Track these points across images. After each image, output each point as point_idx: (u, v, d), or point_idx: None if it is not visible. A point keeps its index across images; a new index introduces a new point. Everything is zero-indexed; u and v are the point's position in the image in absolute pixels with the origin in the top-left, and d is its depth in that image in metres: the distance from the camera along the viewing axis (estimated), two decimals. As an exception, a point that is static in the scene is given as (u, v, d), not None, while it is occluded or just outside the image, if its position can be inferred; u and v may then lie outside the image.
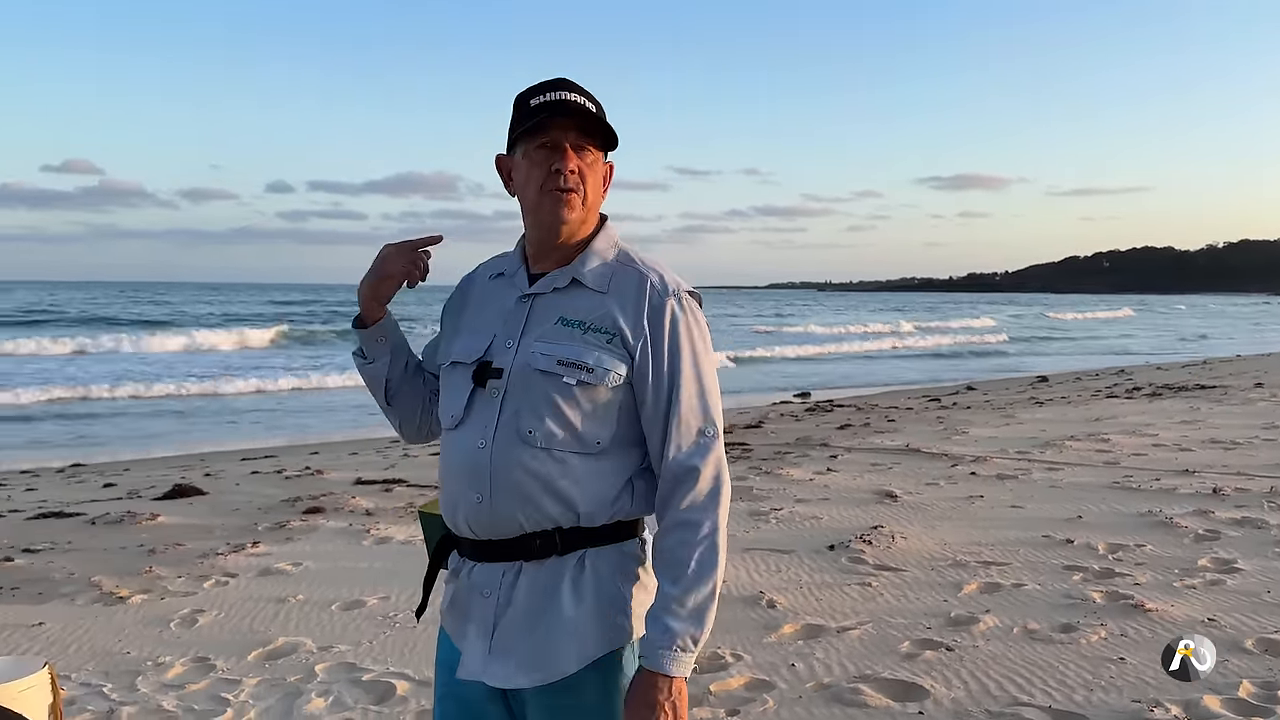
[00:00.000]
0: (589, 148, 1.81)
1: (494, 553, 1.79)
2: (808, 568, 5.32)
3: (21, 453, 12.00)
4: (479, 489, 1.77)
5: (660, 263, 1.88)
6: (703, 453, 1.76)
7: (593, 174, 1.82)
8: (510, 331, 1.83)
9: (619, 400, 1.78)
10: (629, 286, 1.81)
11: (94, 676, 3.94)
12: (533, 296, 1.84)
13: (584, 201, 1.81)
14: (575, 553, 1.77)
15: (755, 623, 4.46)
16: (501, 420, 1.78)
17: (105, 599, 4.94)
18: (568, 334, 1.78)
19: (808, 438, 10.45)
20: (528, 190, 1.82)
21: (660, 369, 1.78)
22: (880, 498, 7.10)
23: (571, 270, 1.83)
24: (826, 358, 30.66)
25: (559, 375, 1.75)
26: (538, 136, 1.79)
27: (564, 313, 1.80)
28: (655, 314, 1.79)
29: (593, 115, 1.80)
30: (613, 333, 1.78)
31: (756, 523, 6.38)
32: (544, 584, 1.77)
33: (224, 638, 4.40)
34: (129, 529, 6.49)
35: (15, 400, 16.39)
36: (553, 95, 1.78)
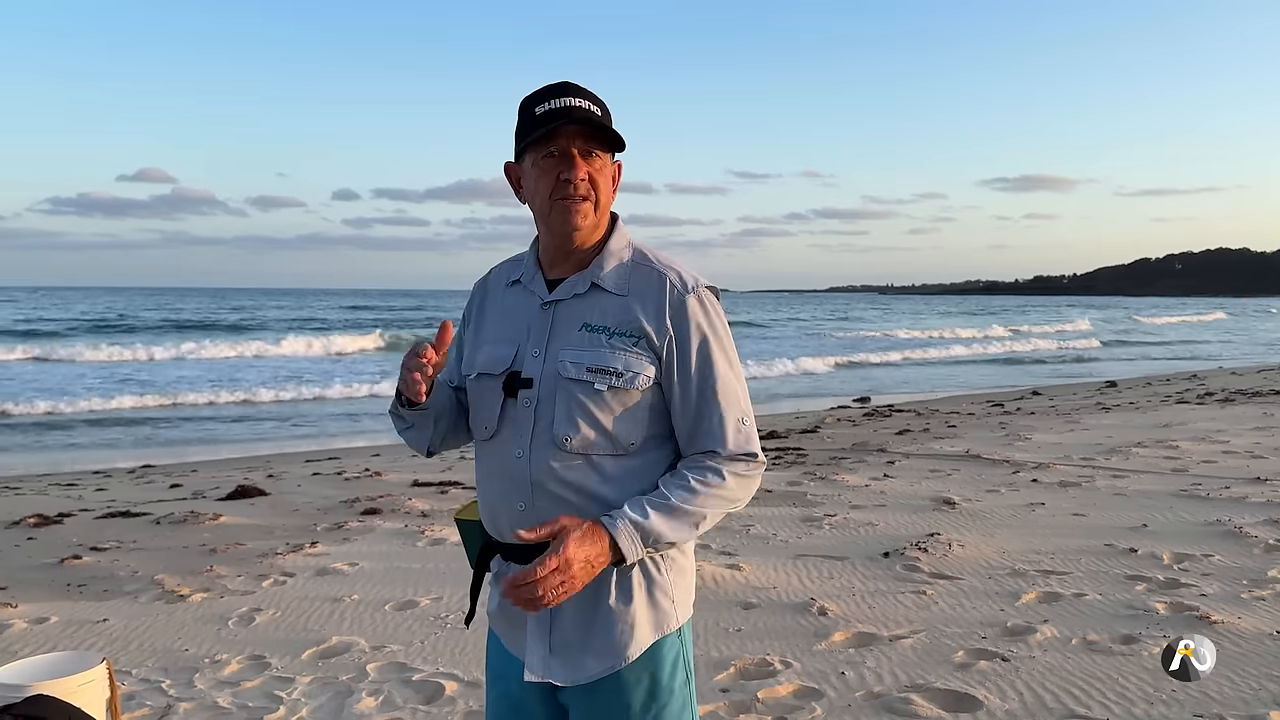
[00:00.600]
0: (596, 152, 1.81)
1: (537, 553, 1.80)
2: (861, 575, 5.25)
3: (94, 453, 12.37)
4: (522, 498, 1.81)
5: (674, 260, 1.89)
6: (748, 441, 1.82)
7: (602, 178, 1.83)
8: (536, 340, 1.84)
9: (649, 401, 1.80)
10: (649, 287, 1.83)
11: (153, 672, 4.03)
12: (554, 304, 1.85)
13: (596, 208, 1.82)
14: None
15: (805, 630, 4.42)
16: (537, 429, 1.80)
17: (167, 597, 5.05)
18: (593, 340, 1.80)
19: (865, 443, 10.33)
20: (538, 199, 1.83)
21: (689, 367, 1.80)
22: (938, 504, 6.99)
23: (590, 275, 1.85)
24: (935, 362, 30.12)
25: (589, 382, 1.77)
26: (545, 145, 1.79)
27: (587, 319, 1.82)
28: (677, 312, 1.81)
29: (598, 120, 1.79)
30: (638, 335, 1.80)
31: (809, 529, 6.32)
32: (593, 581, 1.78)
33: (279, 636, 4.47)
34: (192, 529, 6.64)
35: (118, 406, 16.80)
36: (557, 102, 1.78)
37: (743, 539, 6.04)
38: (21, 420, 15.16)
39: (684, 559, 1.87)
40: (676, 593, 1.84)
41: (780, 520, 6.56)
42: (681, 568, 1.87)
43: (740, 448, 1.80)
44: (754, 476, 1.84)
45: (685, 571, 1.87)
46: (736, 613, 4.66)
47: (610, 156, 1.85)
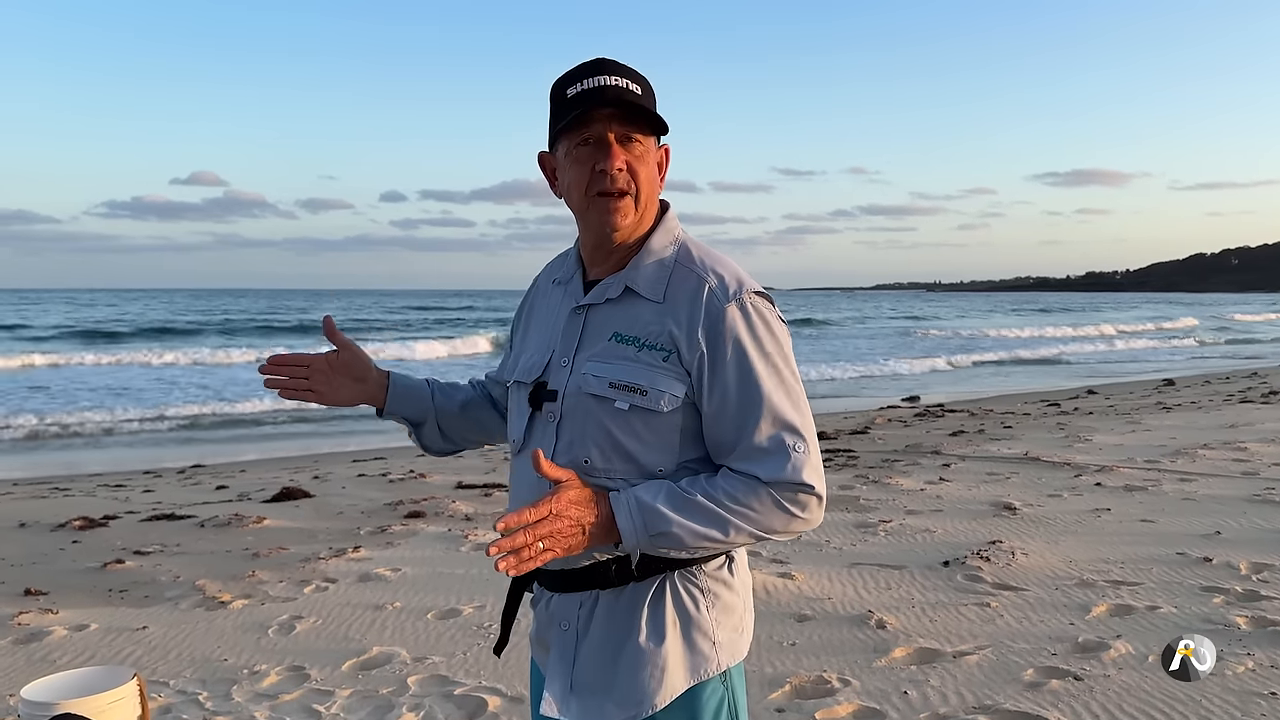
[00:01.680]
0: (637, 137, 1.61)
1: (570, 582, 1.65)
2: (920, 585, 5.03)
3: (143, 452, 12.45)
4: None
5: (723, 260, 1.67)
6: (798, 469, 1.55)
7: (644, 166, 1.62)
8: (565, 349, 1.67)
9: (679, 423, 1.59)
10: (685, 293, 1.62)
11: (191, 684, 3.93)
12: (586, 308, 1.68)
13: (637, 202, 1.63)
14: (654, 578, 1.62)
15: (864, 645, 4.21)
16: (558, 449, 1.63)
17: (207, 603, 4.97)
18: (621, 352, 1.61)
19: (918, 445, 10.06)
20: (574, 194, 1.64)
21: (723, 385, 1.57)
22: (998, 510, 6.73)
23: (624, 277, 1.65)
24: (1076, 360, 29.12)
25: (611, 399, 1.58)
26: (578, 132, 1.60)
27: (618, 327, 1.63)
28: (713, 324, 1.58)
29: (636, 101, 1.60)
30: (669, 349, 1.59)
31: (864, 535, 6.10)
32: (622, 613, 1.62)
33: (320, 646, 4.36)
34: (235, 532, 6.58)
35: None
36: (590, 82, 1.59)
37: (794, 546, 5.84)
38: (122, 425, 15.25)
39: (731, 594, 1.66)
40: (720, 633, 1.63)
41: (833, 526, 6.35)
42: (728, 605, 1.65)
43: (789, 475, 1.54)
44: (803, 513, 1.55)
45: (732, 609, 1.66)
46: (790, 625, 4.47)
47: (655, 140, 1.65)
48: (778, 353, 1.61)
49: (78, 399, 17.93)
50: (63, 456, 12.51)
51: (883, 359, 27.76)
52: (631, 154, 1.61)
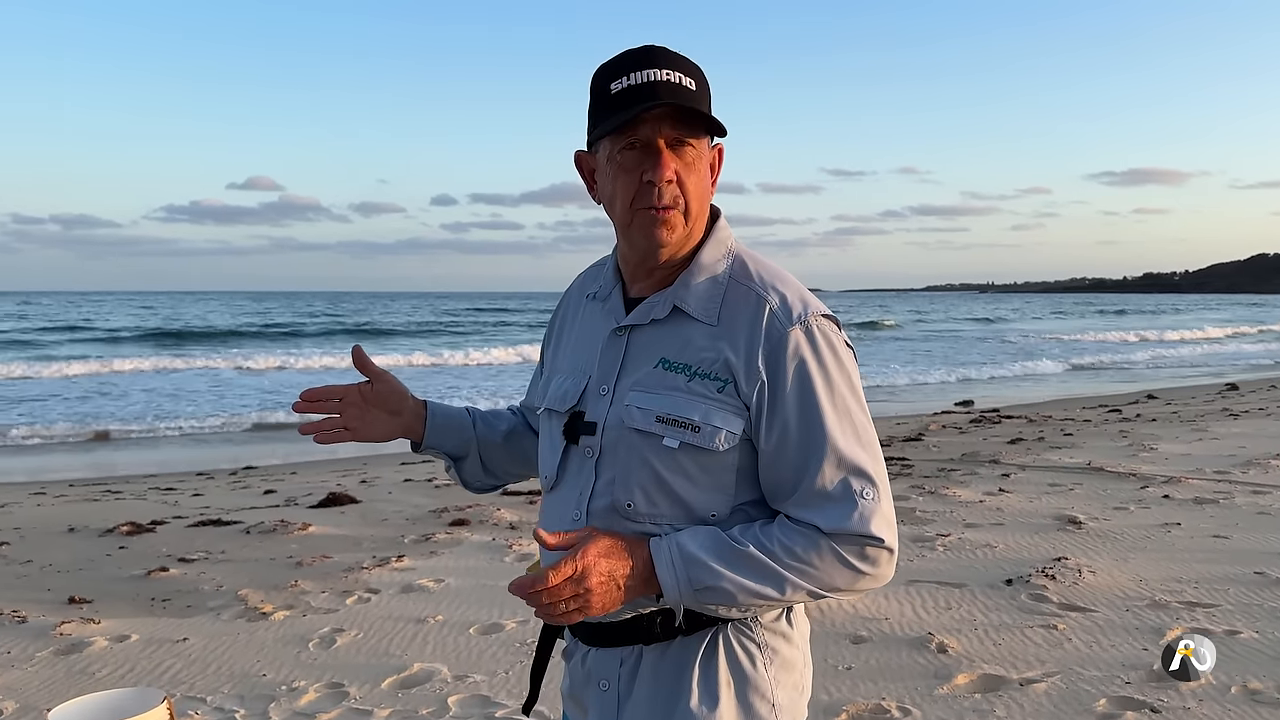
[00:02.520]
0: (690, 141, 1.42)
1: (609, 636, 1.48)
2: (982, 605, 4.80)
3: (194, 453, 12.54)
4: None
5: (784, 277, 1.48)
6: (864, 519, 1.37)
7: (695, 175, 1.43)
8: (605, 375, 1.49)
9: (736, 463, 1.42)
10: (743, 314, 1.43)
11: (229, 700, 3.84)
12: (629, 330, 1.49)
13: (687, 216, 1.44)
14: (703, 632, 1.45)
15: (925, 670, 4.01)
16: (597, 489, 1.46)
17: (249, 614, 4.89)
18: (670, 381, 1.42)
19: (975, 453, 9.76)
20: (617, 205, 1.45)
21: (784, 420, 1.39)
22: (1062, 523, 6.46)
23: (672, 295, 1.47)
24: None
25: (659, 436, 1.41)
26: (624, 134, 1.41)
27: (666, 352, 1.45)
28: (775, 350, 1.40)
29: (691, 98, 1.40)
30: (724, 379, 1.41)
31: (922, 550, 5.87)
32: (669, 672, 1.45)
33: (360, 661, 4.25)
34: (280, 539, 6.52)
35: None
36: (639, 76, 1.39)
37: (849, 561, 5.63)
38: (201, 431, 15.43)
39: (790, 649, 1.49)
40: (780, 693, 1.46)
41: (889, 539, 6.12)
42: (787, 660, 1.48)
43: (854, 526, 1.36)
44: (871, 569, 1.39)
45: (792, 665, 1.49)
46: (846, 647, 4.27)
47: (708, 140, 1.47)
48: (846, 384, 1.43)
49: (137, 400, 18.23)
50: (119, 457, 12.66)
51: (981, 363, 27.13)
52: (683, 161, 1.42)
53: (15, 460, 12.38)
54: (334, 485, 8.78)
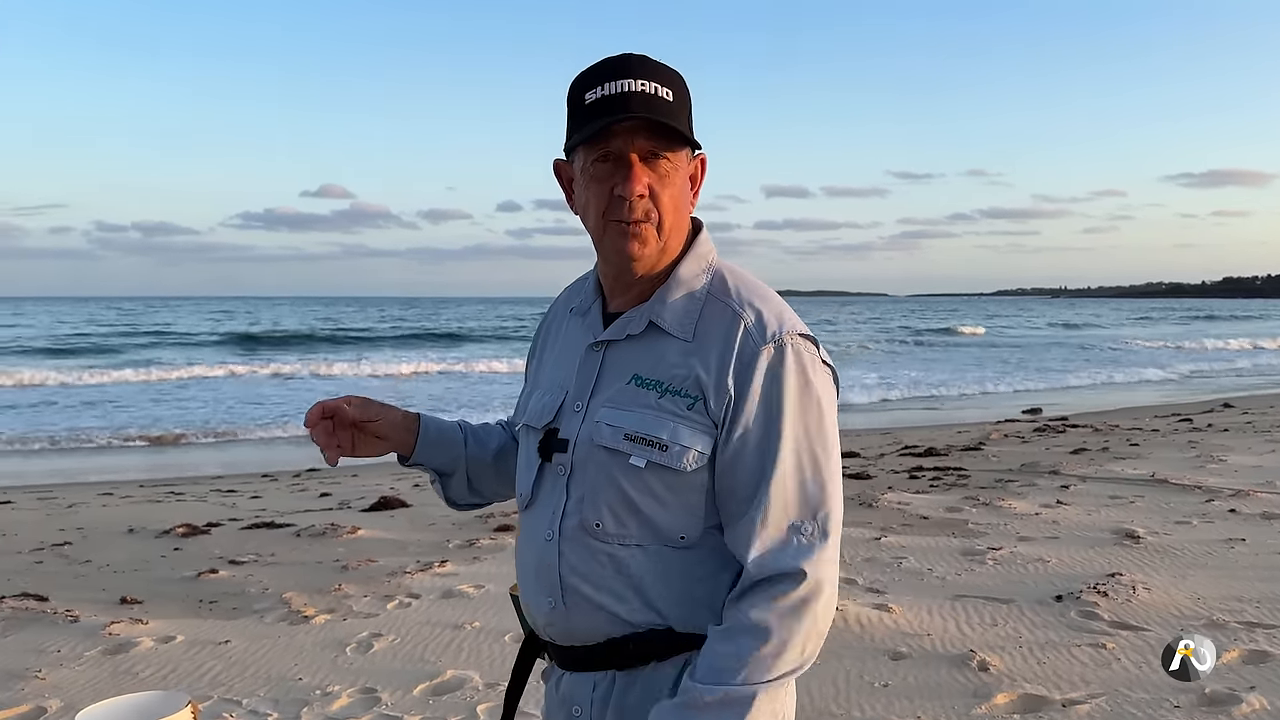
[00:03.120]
0: (664, 154, 1.39)
1: (582, 660, 1.45)
2: (1029, 622, 4.67)
3: (262, 453, 12.81)
4: (551, 593, 1.44)
5: (764, 294, 1.44)
6: (797, 555, 1.33)
7: (669, 188, 1.40)
8: (580, 391, 1.46)
9: (705, 484, 1.38)
10: (718, 331, 1.39)
11: (263, 704, 3.89)
12: (606, 345, 1.46)
13: (660, 229, 1.41)
14: (679, 657, 1.41)
15: (963, 688, 3.90)
16: (568, 507, 1.43)
17: (291, 617, 4.96)
18: (641, 398, 1.39)
19: (1035, 463, 9.53)
20: (590, 216, 1.43)
21: (744, 442, 1.35)
22: (1119, 538, 6.26)
23: (649, 311, 1.43)
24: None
25: (626, 454, 1.37)
26: (597, 146, 1.39)
27: (640, 369, 1.41)
28: (744, 367, 1.36)
29: (666, 110, 1.37)
30: (695, 396, 1.37)
31: (970, 564, 5.73)
32: (641, 698, 1.41)
33: (395, 666, 4.28)
34: (329, 542, 6.61)
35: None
36: (612, 87, 1.37)
37: (894, 574, 5.53)
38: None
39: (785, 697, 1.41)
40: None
41: (937, 553, 6.00)
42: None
43: (775, 564, 1.32)
44: (806, 609, 1.32)
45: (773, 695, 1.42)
46: (884, 664, 4.18)
47: (688, 153, 1.44)
48: (813, 409, 1.38)
49: (207, 404, 18.71)
50: (189, 459, 13.00)
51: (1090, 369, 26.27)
52: (656, 173, 1.39)
53: (89, 460, 12.78)
54: (388, 489, 8.88)
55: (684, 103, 1.42)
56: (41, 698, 3.94)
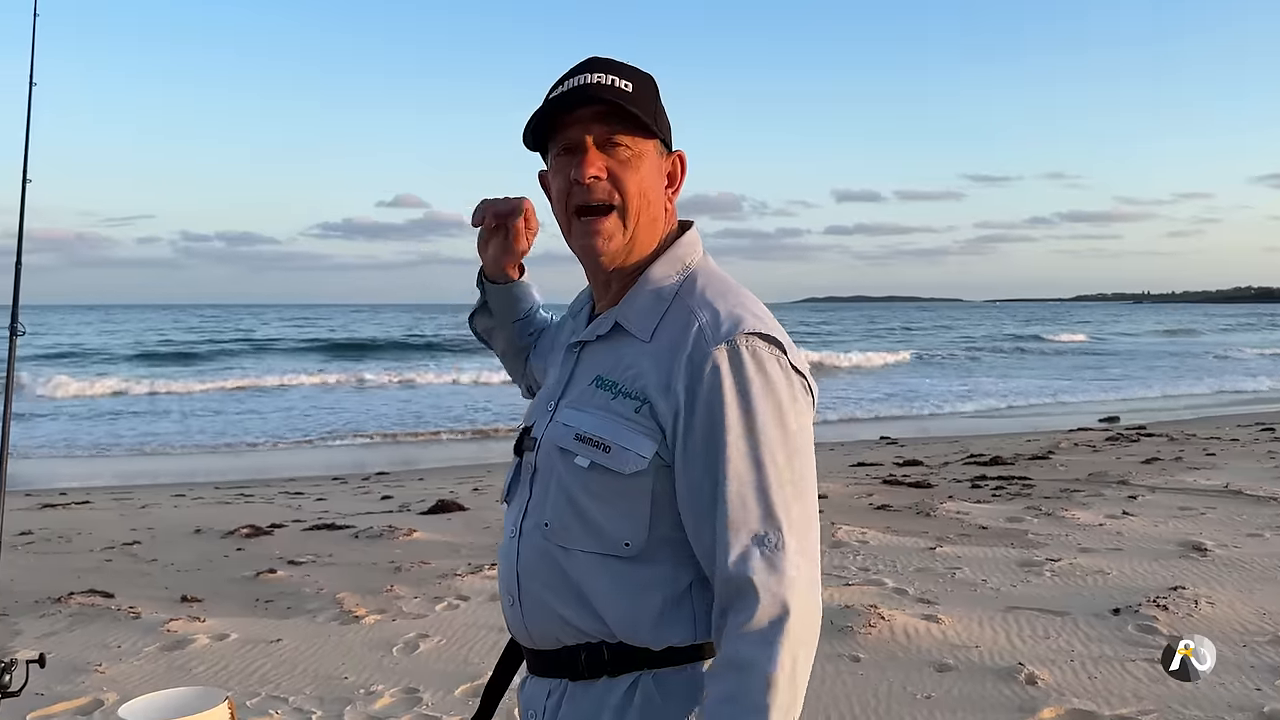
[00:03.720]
0: (622, 140, 1.37)
1: (542, 665, 1.45)
2: (1083, 635, 4.54)
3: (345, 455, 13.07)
4: (509, 590, 1.45)
5: (731, 294, 1.40)
6: (761, 565, 1.26)
7: (632, 173, 1.38)
8: (553, 391, 1.47)
9: (651, 489, 1.33)
10: (674, 333, 1.36)
11: (308, 701, 3.97)
12: (581, 345, 1.47)
13: (625, 218, 1.39)
14: (629, 675, 1.37)
15: (1008, 702, 3.81)
16: (529, 506, 1.42)
17: (342, 617, 5.05)
18: (598, 399, 1.38)
19: (1103, 473, 9.28)
20: (557, 211, 1.43)
21: (695, 447, 1.30)
22: (1185, 550, 6.06)
23: (616, 312, 1.43)
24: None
25: (573, 454, 1.36)
26: (557, 140, 1.40)
27: (602, 369, 1.41)
28: (694, 370, 1.31)
29: (622, 98, 1.36)
30: (642, 399, 1.34)
31: (1026, 575, 5.60)
32: (587, 711, 1.38)
33: (438, 667, 4.33)
34: (385, 544, 6.72)
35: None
36: (571, 82, 1.38)
37: (946, 584, 5.43)
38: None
39: None
40: None
41: (993, 563, 5.87)
42: None
43: (737, 583, 1.25)
44: (777, 633, 1.22)
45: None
46: (928, 675, 4.11)
47: (656, 146, 1.42)
48: (768, 414, 1.30)
49: (278, 410, 19.19)
50: (263, 461, 13.35)
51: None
52: (615, 159, 1.38)
53: (167, 463, 13.20)
54: (448, 492, 8.99)
55: (647, 96, 1.41)
56: (100, 691, 4.07)
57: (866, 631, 4.54)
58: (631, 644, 1.37)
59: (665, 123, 1.45)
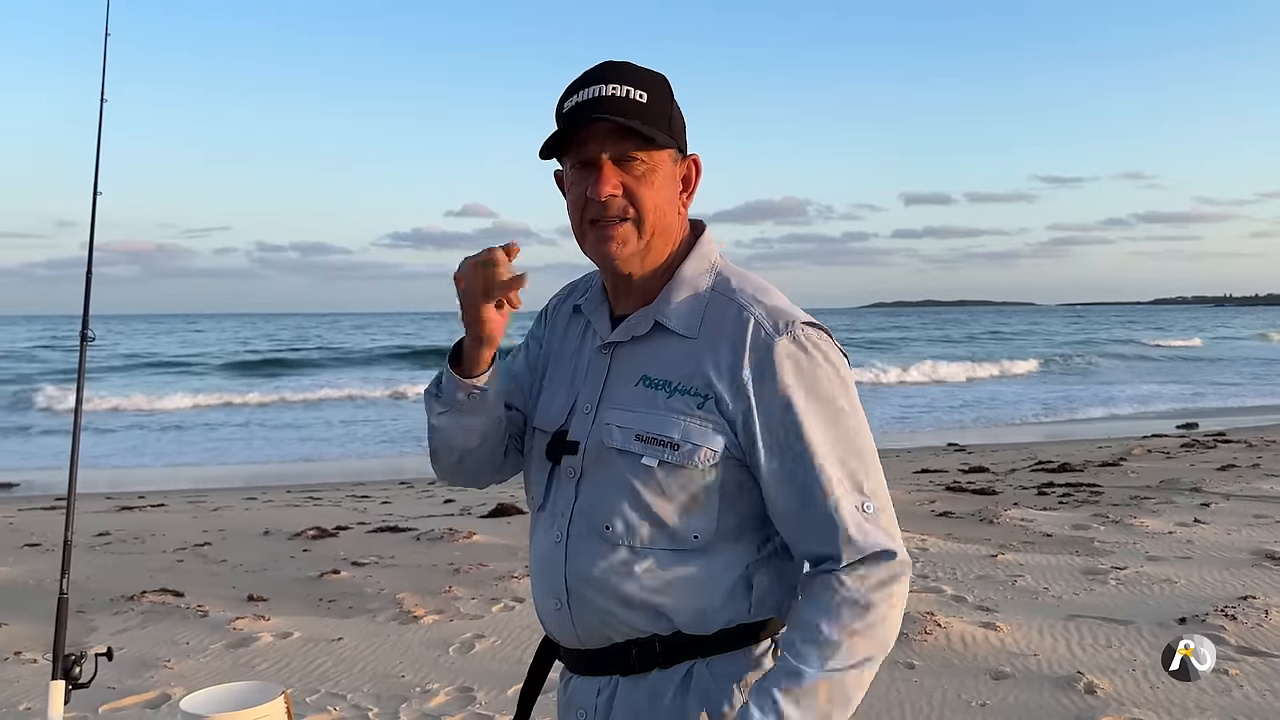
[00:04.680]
0: (637, 156, 1.40)
1: (588, 664, 1.48)
2: (1146, 645, 4.43)
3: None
4: (556, 594, 1.47)
5: (769, 289, 1.45)
6: (872, 529, 1.35)
7: (647, 187, 1.41)
8: (590, 394, 1.48)
9: (720, 480, 1.38)
10: (725, 327, 1.40)
11: (365, 699, 4.05)
12: (613, 347, 1.48)
13: (640, 228, 1.42)
14: (682, 664, 1.42)
15: (1064, 711, 3.74)
16: (577, 510, 1.44)
17: (401, 617, 5.14)
18: (650, 399, 1.40)
19: (1176, 480, 9.03)
20: (572, 222, 1.46)
21: (777, 435, 1.36)
22: (1258, 559, 5.88)
23: (654, 311, 1.45)
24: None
25: (637, 455, 1.39)
26: (572, 153, 1.42)
27: (648, 369, 1.43)
28: (761, 361, 1.36)
29: (638, 112, 1.38)
30: (705, 394, 1.38)
31: (1091, 584, 5.48)
32: (641, 706, 1.42)
33: (493, 667, 4.39)
34: (445, 546, 6.82)
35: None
36: (586, 93, 1.40)
37: (1006, 591, 5.34)
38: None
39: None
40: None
41: (1056, 571, 5.76)
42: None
43: (866, 545, 1.33)
44: (894, 589, 1.34)
45: None
46: (984, 683, 4.05)
47: (672, 154, 1.45)
48: (843, 395, 1.39)
49: (342, 423, 19.57)
50: (328, 467, 13.63)
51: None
52: (631, 174, 1.41)
53: (238, 469, 13.56)
54: (507, 496, 9.09)
55: (663, 104, 1.43)
56: (167, 685, 4.21)
57: (922, 639, 4.49)
58: (689, 633, 1.41)
59: (680, 125, 1.47)
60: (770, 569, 1.44)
